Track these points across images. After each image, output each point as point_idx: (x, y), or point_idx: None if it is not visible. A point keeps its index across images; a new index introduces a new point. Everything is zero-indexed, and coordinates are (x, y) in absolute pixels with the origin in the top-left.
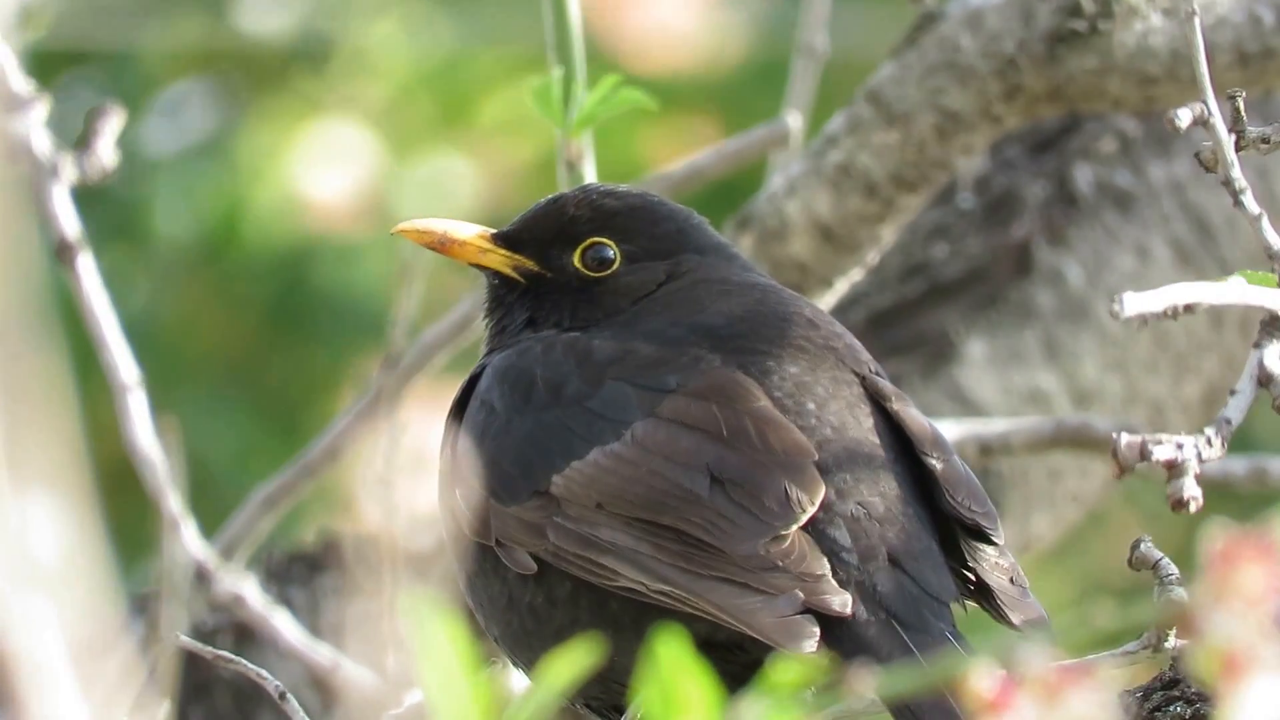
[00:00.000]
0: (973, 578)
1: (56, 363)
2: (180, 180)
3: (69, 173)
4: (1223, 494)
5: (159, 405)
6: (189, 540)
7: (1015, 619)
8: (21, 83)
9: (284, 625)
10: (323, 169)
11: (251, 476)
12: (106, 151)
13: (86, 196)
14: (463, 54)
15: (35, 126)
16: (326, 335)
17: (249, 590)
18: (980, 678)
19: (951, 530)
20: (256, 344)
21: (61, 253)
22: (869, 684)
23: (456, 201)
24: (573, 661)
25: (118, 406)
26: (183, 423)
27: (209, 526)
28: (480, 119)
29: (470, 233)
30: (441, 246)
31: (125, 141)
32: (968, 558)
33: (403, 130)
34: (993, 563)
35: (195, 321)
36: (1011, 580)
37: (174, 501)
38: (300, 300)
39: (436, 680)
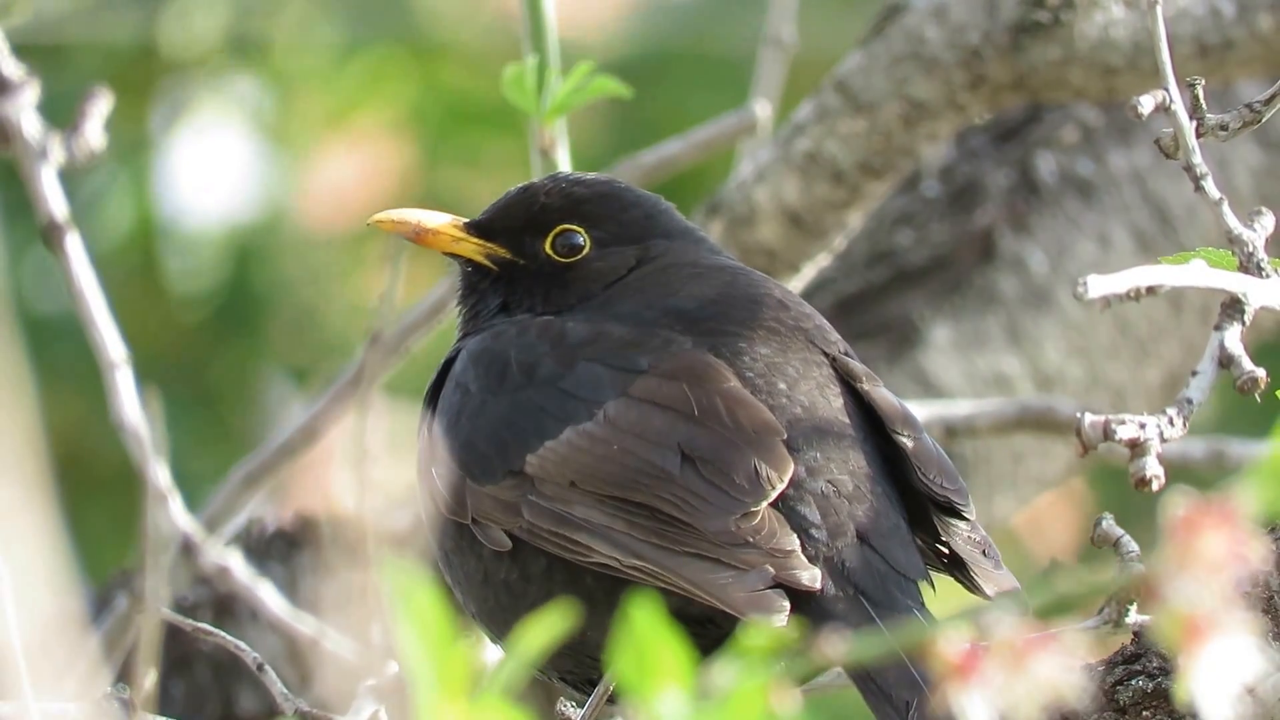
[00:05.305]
0: (946, 551)
1: (15, 355)
2: (105, 178)
3: (57, 155)
4: (1182, 476)
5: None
6: (175, 513)
7: (989, 590)
8: (11, 66)
9: (269, 597)
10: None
11: (193, 473)
12: (95, 134)
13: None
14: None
15: (26, 110)
16: (251, 330)
17: (234, 562)
18: (948, 642)
19: (923, 507)
20: (189, 342)
21: (50, 233)
22: (838, 649)
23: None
24: (546, 632)
25: (106, 383)
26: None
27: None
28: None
29: (442, 222)
30: (416, 236)
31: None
32: (940, 532)
33: (291, 126)
34: (965, 536)
35: (127, 318)
36: (984, 553)
37: (161, 475)
38: (228, 296)
39: (417, 648)
